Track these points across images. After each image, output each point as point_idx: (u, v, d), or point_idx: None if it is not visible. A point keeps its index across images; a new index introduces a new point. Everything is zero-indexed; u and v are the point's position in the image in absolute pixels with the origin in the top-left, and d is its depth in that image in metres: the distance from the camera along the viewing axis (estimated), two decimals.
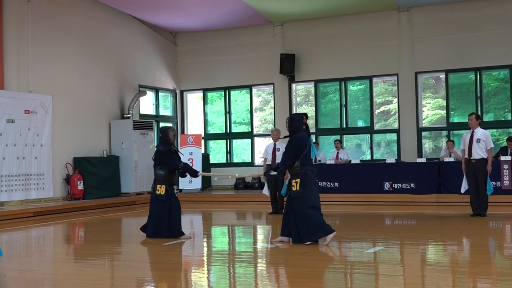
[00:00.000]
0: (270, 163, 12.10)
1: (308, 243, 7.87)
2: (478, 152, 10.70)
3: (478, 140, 10.71)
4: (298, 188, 7.87)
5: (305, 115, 8.26)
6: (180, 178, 16.75)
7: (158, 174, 8.82)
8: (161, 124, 18.61)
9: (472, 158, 10.74)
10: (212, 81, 18.75)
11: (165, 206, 8.75)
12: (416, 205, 13.18)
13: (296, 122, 8.15)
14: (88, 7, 15.80)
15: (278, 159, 11.85)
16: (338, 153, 15.38)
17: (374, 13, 16.66)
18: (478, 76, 15.89)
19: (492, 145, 10.86)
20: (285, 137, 8.43)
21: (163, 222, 8.78)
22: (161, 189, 8.75)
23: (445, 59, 16.05)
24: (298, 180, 7.90)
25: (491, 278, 6.05)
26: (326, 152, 16.46)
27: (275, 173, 8.55)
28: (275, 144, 12.22)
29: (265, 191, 12.26)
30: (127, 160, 15.98)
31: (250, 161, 18.35)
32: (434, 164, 14.01)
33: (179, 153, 9.20)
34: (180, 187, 16.85)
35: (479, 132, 10.78)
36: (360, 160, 15.81)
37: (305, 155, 8.01)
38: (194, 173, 9.03)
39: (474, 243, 8.41)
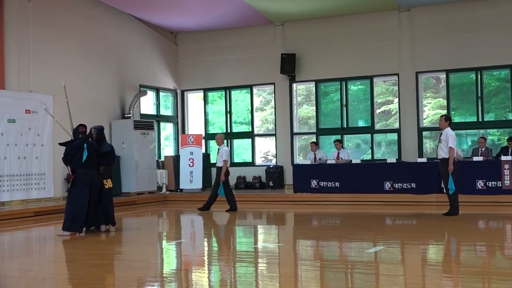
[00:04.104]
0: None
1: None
2: (440, 153, 11.19)
3: (440, 141, 11.19)
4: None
5: (82, 125, 9.63)
6: (180, 179, 16.86)
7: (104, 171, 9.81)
8: (162, 124, 18.61)
9: (437, 158, 11.36)
10: (213, 81, 18.74)
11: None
12: (416, 205, 13.17)
13: (74, 133, 9.69)
14: (88, 7, 15.80)
15: (219, 162, 12.94)
16: (338, 153, 15.38)
17: (374, 13, 16.65)
18: (479, 76, 15.88)
19: (451, 145, 11.00)
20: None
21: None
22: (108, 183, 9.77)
23: (445, 59, 16.03)
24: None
25: (491, 278, 6.05)
26: (326, 152, 16.44)
27: None
28: (219, 148, 13.16)
29: (221, 192, 12.88)
30: (127, 160, 15.99)
31: (251, 161, 18.34)
32: (434, 164, 13.94)
33: None
34: (181, 187, 16.88)
35: (444, 133, 11.20)
36: (361, 160, 15.81)
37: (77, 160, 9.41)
38: None
39: (474, 243, 8.40)
